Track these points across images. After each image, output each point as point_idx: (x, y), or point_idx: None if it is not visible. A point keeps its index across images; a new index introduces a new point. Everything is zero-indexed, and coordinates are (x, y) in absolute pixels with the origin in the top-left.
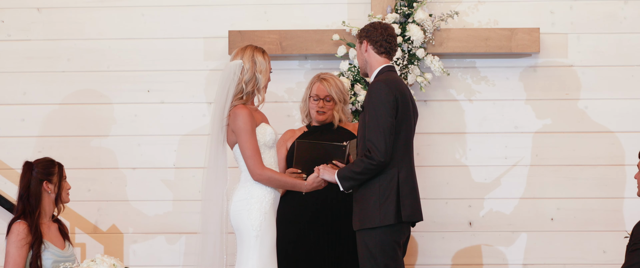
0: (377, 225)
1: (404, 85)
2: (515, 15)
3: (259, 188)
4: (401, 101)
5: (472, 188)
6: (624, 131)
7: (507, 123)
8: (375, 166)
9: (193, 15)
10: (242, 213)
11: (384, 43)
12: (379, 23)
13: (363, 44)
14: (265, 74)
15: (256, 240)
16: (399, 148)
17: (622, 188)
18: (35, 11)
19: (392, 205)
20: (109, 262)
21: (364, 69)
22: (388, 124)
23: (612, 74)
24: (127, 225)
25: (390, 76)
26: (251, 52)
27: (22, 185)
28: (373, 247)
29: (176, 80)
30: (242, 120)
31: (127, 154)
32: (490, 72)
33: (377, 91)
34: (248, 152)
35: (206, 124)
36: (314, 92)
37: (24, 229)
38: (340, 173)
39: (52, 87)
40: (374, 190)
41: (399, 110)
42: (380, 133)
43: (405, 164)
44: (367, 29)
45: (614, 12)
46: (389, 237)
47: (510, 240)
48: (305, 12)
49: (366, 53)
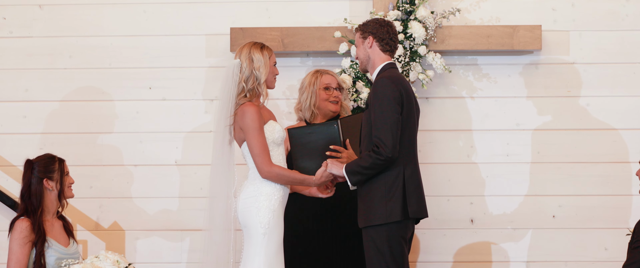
0: (384, 222)
1: (407, 82)
2: (517, 13)
3: (267, 185)
4: (406, 98)
5: (474, 185)
6: (626, 129)
7: (509, 120)
8: (382, 161)
9: (195, 12)
10: (250, 210)
11: (390, 41)
12: (384, 21)
13: (367, 40)
14: (265, 68)
15: (264, 238)
16: (404, 144)
17: (624, 186)
18: (37, 8)
19: (398, 202)
20: (112, 258)
21: (365, 64)
22: (395, 120)
23: (614, 71)
24: (129, 222)
25: (393, 73)
26: (248, 50)
27: (24, 183)
28: (380, 244)
29: (178, 77)
30: (250, 117)
31: (129, 151)
32: (492, 70)
33: (383, 87)
34: (256, 150)
35: (208, 121)
36: (324, 82)
37: (27, 226)
38: (348, 167)
39: (53, 84)
40: (380, 187)
41: (404, 107)
42: (387, 128)
43: (411, 161)
44: (373, 26)
45: (616, 10)
46: (396, 233)
47: (512, 237)
48: (307, 9)
49: (371, 49)
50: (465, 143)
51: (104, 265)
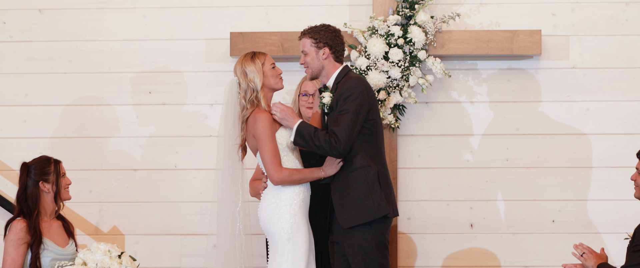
0: (371, 219)
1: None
2: (516, 17)
3: (286, 191)
4: (374, 100)
5: (474, 190)
6: (626, 133)
7: (509, 124)
8: (331, 153)
9: (194, 17)
10: (272, 217)
11: (343, 50)
12: (335, 29)
13: (322, 51)
14: (259, 75)
15: (289, 243)
16: (377, 145)
17: (624, 190)
18: (37, 12)
19: (377, 198)
20: (104, 248)
21: (317, 73)
22: (358, 122)
23: (614, 76)
24: (129, 226)
25: (356, 75)
26: (240, 65)
27: (19, 186)
28: (367, 246)
29: (177, 81)
30: (261, 125)
31: (129, 155)
32: (491, 74)
33: (352, 88)
34: (266, 157)
35: (208, 125)
36: (303, 89)
37: (22, 227)
38: (304, 127)
39: (53, 88)
40: (361, 186)
41: (371, 110)
42: (347, 126)
43: (382, 162)
44: (327, 36)
45: (616, 14)
46: (380, 231)
47: (511, 242)
48: (306, 14)
49: (325, 59)
50: (464, 147)
51: (95, 256)
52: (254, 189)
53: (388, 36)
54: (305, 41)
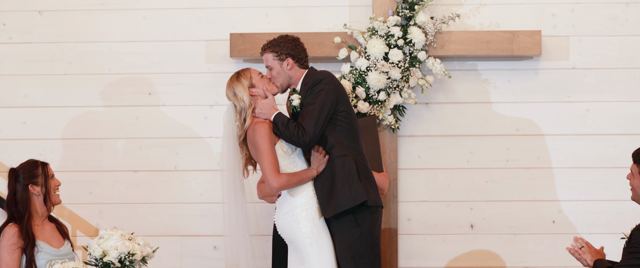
0: (352, 205)
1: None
2: (516, 18)
3: (300, 197)
4: (342, 92)
5: (474, 190)
6: (626, 134)
7: (509, 125)
8: (299, 143)
9: (194, 18)
10: (291, 225)
11: (305, 56)
12: (294, 37)
13: (286, 62)
14: (245, 93)
15: (312, 247)
16: (352, 137)
17: (624, 191)
18: (37, 14)
19: (355, 187)
20: (117, 234)
21: (286, 84)
22: (322, 111)
23: (614, 76)
24: (129, 227)
25: (322, 71)
26: (229, 89)
27: (9, 192)
28: (355, 243)
29: (177, 83)
30: (259, 134)
31: (129, 157)
32: (491, 75)
33: (317, 82)
34: (264, 165)
35: (208, 126)
36: None
37: (15, 232)
38: (277, 117)
39: (53, 90)
40: (338, 173)
41: (340, 102)
42: (314, 118)
43: (359, 153)
44: (288, 46)
45: (616, 15)
46: (368, 229)
47: (512, 242)
48: (306, 15)
49: (291, 70)
50: (465, 148)
51: (111, 243)
52: (262, 191)
53: (388, 36)
54: (268, 56)
